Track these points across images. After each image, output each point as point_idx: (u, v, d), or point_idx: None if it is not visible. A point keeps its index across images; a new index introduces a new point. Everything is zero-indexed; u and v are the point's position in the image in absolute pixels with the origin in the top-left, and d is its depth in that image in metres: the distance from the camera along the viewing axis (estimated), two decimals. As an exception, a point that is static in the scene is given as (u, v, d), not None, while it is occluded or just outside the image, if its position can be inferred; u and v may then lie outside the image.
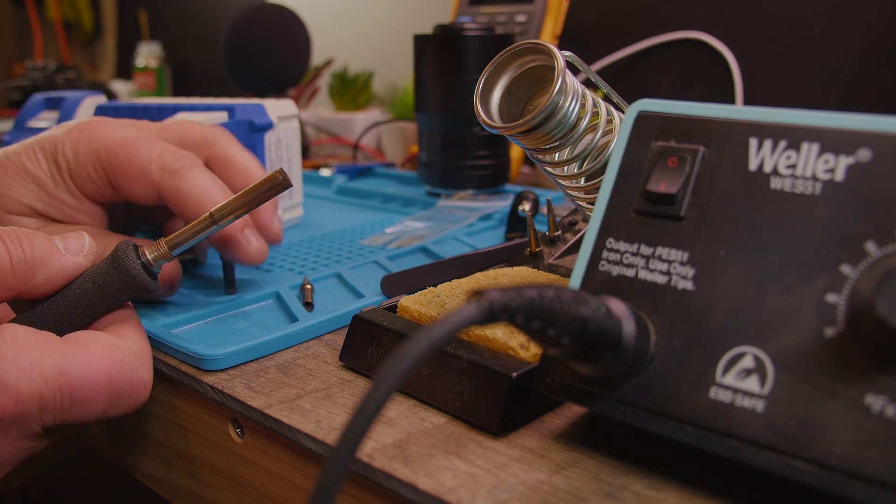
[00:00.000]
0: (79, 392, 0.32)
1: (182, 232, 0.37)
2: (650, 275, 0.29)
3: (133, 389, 0.34)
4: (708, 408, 0.26)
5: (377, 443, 0.31)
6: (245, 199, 0.37)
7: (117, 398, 0.33)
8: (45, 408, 0.32)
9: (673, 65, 0.81)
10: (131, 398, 0.34)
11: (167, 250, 0.37)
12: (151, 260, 0.37)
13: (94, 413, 0.33)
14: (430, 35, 0.69)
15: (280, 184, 0.37)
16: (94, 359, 0.32)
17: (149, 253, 0.37)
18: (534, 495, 0.27)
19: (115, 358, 0.33)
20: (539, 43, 0.35)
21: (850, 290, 0.24)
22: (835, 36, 0.72)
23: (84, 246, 0.36)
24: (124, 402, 0.34)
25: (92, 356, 0.32)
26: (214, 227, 0.37)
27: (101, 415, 0.33)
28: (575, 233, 0.47)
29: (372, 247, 0.57)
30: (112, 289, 0.36)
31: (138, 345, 0.35)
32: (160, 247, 0.37)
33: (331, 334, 0.43)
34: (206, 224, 0.37)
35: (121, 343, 0.34)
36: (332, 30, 1.32)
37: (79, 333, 0.33)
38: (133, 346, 0.35)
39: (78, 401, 0.32)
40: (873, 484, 0.22)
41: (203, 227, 0.37)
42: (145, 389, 0.35)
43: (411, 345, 0.20)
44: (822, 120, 0.26)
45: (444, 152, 0.70)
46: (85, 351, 0.32)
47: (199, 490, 0.41)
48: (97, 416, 0.33)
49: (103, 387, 0.33)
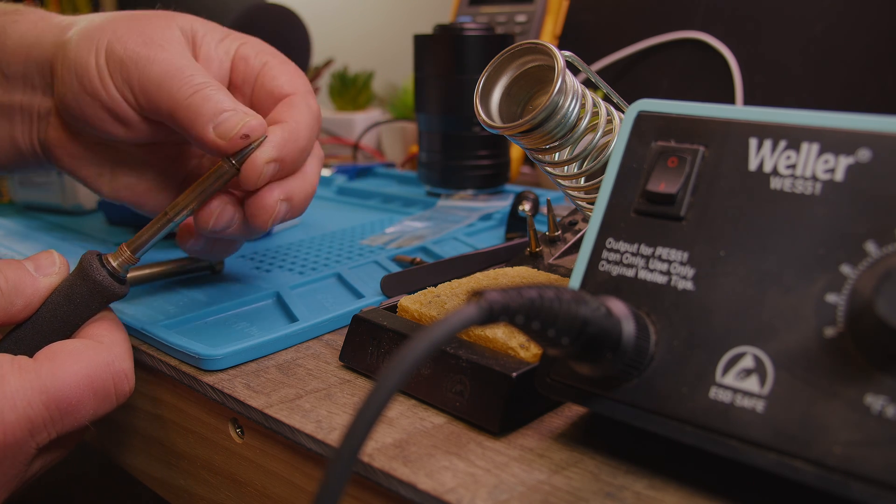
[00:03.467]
0: (64, 403, 0.32)
1: (140, 234, 0.39)
2: (650, 275, 0.29)
3: (116, 382, 0.34)
4: (708, 408, 0.26)
5: (377, 443, 0.31)
6: (195, 192, 0.39)
7: (103, 395, 0.34)
8: (36, 429, 0.32)
9: (673, 65, 0.81)
10: (117, 391, 0.35)
11: (130, 254, 0.38)
12: (116, 266, 0.38)
13: (85, 417, 0.33)
14: (430, 35, 0.69)
15: (227, 173, 0.39)
16: (69, 366, 0.33)
17: (113, 260, 0.38)
18: (534, 495, 0.27)
19: (88, 359, 0.34)
20: (539, 43, 0.35)
21: (850, 290, 0.24)
22: (835, 36, 0.72)
23: (54, 263, 0.37)
24: (111, 397, 0.34)
25: (66, 364, 0.33)
26: (170, 223, 0.39)
27: (93, 416, 0.34)
28: (575, 233, 0.47)
29: (372, 247, 0.57)
30: (83, 299, 0.37)
31: (110, 338, 0.35)
32: (122, 252, 0.38)
33: (331, 334, 0.43)
34: (162, 222, 0.39)
35: (90, 343, 0.35)
36: (332, 30, 1.32)
37: (47, 348, 0.34)
38: (105, 342, 0.35)
39: (66, 411, 0.33)
40: (873, 484, 0.22)
41: (160, 225, 0.39)
42: (128, 379, 0.35)
43: (412, 345, 0.20)
44: (822, 120, 0.26)
45: (444, 152, 0.70)
46: (58, 362, 0.33)
47: (199, 490, 0.41)
48: (90, 419, 0.34)
49: (86, 389, 0.33)
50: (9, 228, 0.66)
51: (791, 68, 0.74)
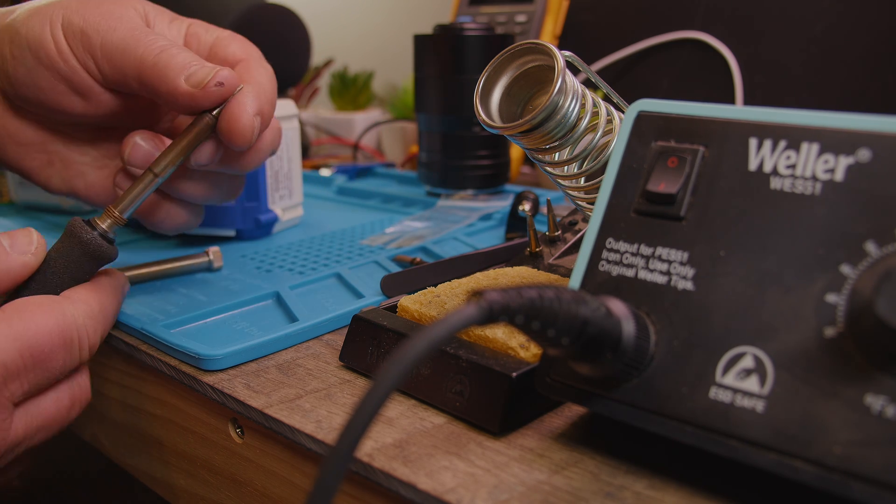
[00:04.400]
0: (37, 351, 0.33)
1: (126, 193, 0.38)
2: (650, 275, 0.29)
3: (80, 336, 0.35)
4: (708, 408, 0.26)
5: (377, 443, 0.31)
6: (178, 147, 0.39)
7: (70, 348, 0.35)
8: (10, 374, 0.32)
9: (673, 65, 0.81)
10: (80, 347, 0.35)
11: (118, 214, 0.38)
12: (106, 228, 0.38)
13: (56, 367, 0.34)
14: (430, 35, 0.69)
15: (208, 124, 0.39)
16: (39, 317, 0.34)
17: (101, 223, 0.38)
18: (534, 495, 0.27)
19: (56, 312, 0.34)
20: (539, 43, 0.35)
21: (850, 290, 0.24)
22: (835, 36, 0.72)
23: (32, 243, 0.36)
24: (76, 351, 0.35)
25: (36, 315, 0.34)
26: (157, 180, 0.39)
27: (63, 367, 0.35)
28: (575, 233, 0.47)
29: (372, 247, 0.57)
30: (74, 264, 0.37)
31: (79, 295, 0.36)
32: (110, 213, 0.38)
33: (331, 334, 0.43)
34: (149, 179, 0.39)
35: (57, 298, 0.35)
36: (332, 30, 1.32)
37: (13, 302, 0.34)
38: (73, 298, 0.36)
39: (39, 360, 0.33)
40: (873, 484, 0.22)
41: (146, 183, 0.39)
42: (88, 336, 0.36)
43: (411, 345, 0.20)
44: (822, 120, 0.26)
45: (444, 152, 0.70)
46: (27, 314, 0.33)
47: (199, 490, 0.41)
48: (60, 370, 0.35)
49: (56, 339, 0.34)
50: (9, 228, 0.66)
51: (791, 68, 0.74)
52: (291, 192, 0.62)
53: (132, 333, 0.42)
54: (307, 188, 0.79)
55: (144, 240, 0.60)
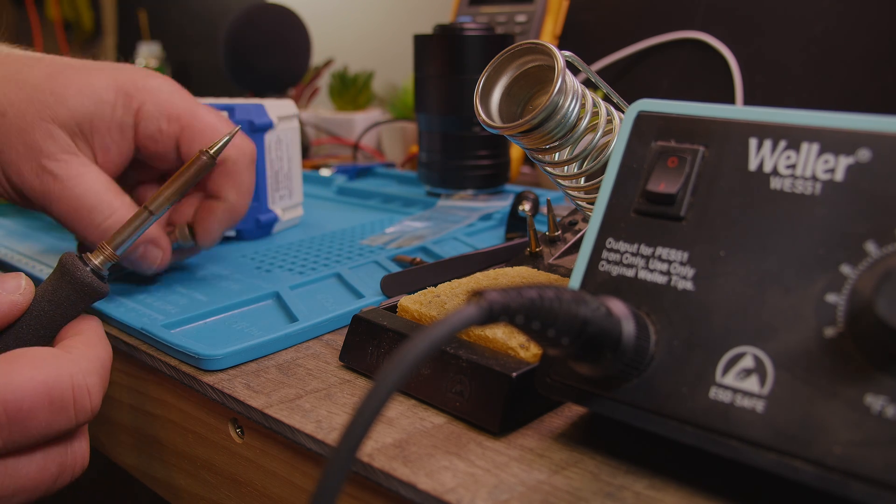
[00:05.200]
0: (14, 407, 0.30)
1: (121, 230, 0.38)
2: (650, 275, 0.29)
3: (77, 397, 0.32)
4: (708, 408, 0.26)
5: (377, 443, 0.31)
6: (176, 185, 0.39)
7: (60, 408, 0.32)
8: None
9: (673, 65, 0.81)
10: (77, 407, 0.32)
11: (111, 251, 0.38)
12: (99, 264, 0.37)
13: (39, 427, 0.31)
14: (430, 35, 0.69)
15: (206, 164, 0.39)
16: (25, 371, 0.31)
17: (94, 258, 0.37)
18: (534, 495, 0.27)
19: (49, 366, 0.32)
20: (539, 43, 0.35)
21: (850, 290, 0.24)
22: (835, 36, 0.72)
23: (20, 286, 0.36)
24: (69, 412, 0.32)
25: (23, 369, 0.31)
26: (152, 217, 0.39)
27: (48, 428, 0.32)
28: (575, 233, 0.47)
29: (372, 247, 0.57)
30: (67, 301, 0.36)
31: (81, 351, 0.34)
32: (104, 249, 0.38)
33: (331, 334, 0.43)
34: (144, 217, 0.39)
35: (55, 352, 0.33)
36: (332, 30, 1.32)
37: (9, 352, 0.32)
38: (73, 353, 0.33)
39: (15, 416, 0.31)
40: (873, 484, 0.22)
41: (141, 220, 0.39)
42: (90, 396, 0.33)
43: (411, 345, 0.20)
44: (822, 120, 0.26)
45: (444, 152, 0.70)
46: (14, 366, 0.31)
47: (199, 490, 0.41)
48: (44, 429, 0.32)
49: (41, 398, 0.31)
50: (9, 228, 0.66)
51: (791, 68, 0.74)
52: (291, 192, 0.62)
53: (132, 333, 0.42)
54: (307, 188, 0.79)
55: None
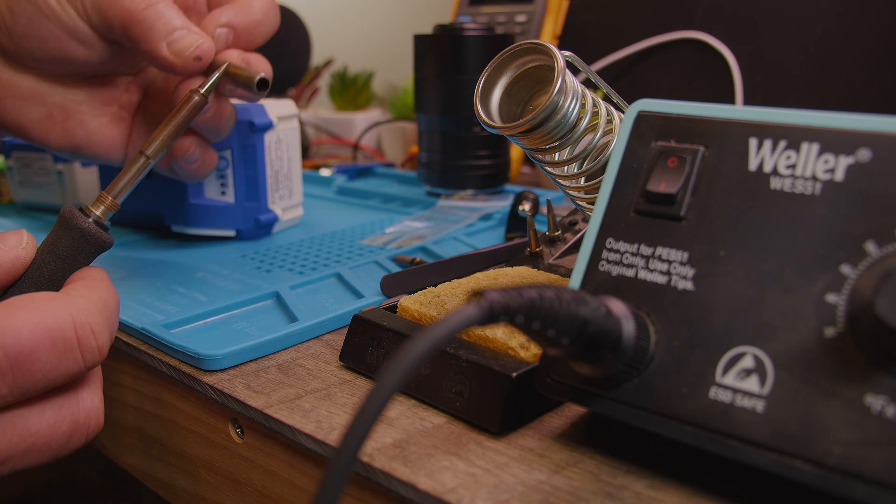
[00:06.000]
0: (15, 351, 0.30)
1: (119, 178, 0.38)
2: (650, 275, 0.29)
3: (80, 336, 0.31)
4: (708, 408, 0.26)
5: (377, 443, 0.31)
6: (170, 127, 0.39)
7: (63, 348, 0.31)
8: None
9: (673, 65, 0.81)
10: (81, 346, 0.32)
11: (112, 201, 0.37)
12: (100, 215, 0.37)
13: (44, 371, 0.31)
14: (430, 35, 0.69)
15: (198, 104, 0.39)
16: (23, 314, 0.30)
17: (95, 209, 0.37)
18: (534, 495, 0.27)
19: (46, 307, 0.31)
20: (539, 43, 0.35)
21: (850, 290, 0.24)
22: (835, 36, 0.72)
23: (22, 241, 0.35)
24: (74, 352, 0.31)
25: (20, 312, 0.30)
26: (149, 162, 0.38)
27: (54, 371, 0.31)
28: (575, 233, 0.47)
29: (372, 247, 0.57)
30: (69, 252, 0.35)
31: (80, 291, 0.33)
32: (104, 199, 0.37)
33: (331, 334, 0.43)
34: (141, 163, 0.38)
35: (55, 294, 0.32)
36: (332, 30, 1.32)
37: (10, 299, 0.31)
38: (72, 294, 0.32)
39: (18, 361, 0.30)
40: (873, 484, 0.22)
41: (138, 167, 0.38)
42: (94, 334, 0.32)
43: (412, 345, 0.20)
44: (822, 120, 0.26)
45: (444, 152, 0.70)
46: (9, 309, 0.30)
47: (199, 490, 0.41)
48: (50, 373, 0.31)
49: (42, 339, 0.30)
50: (9, 228, 0.66)
51: (791, 68, 0.74)
52: (291, 192, 0.62)
53: (132, 333, 0.42)
54: (307, 188, 0.79)
55: (144, 240, 0.60)
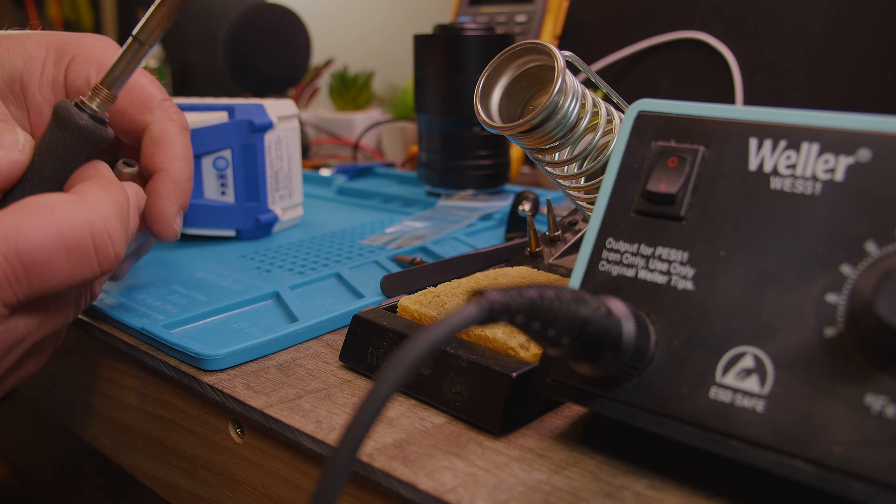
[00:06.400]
0: (29, 257, 0.29)
1: (114, 66, 0.35)
2: (650, 275, 0.29)
3: (97, 243, 0.31)
4: (708, 408, 0.26)
5: (377, 443, 0.31)
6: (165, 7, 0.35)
7: (79, 255, 0.30)
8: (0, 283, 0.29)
9: (673, 65, 0.81)
10: (98, 253, 0.31)
11: (107, 92, 0.35)
12: (96, 108, 0.35)
13: (59, 277, 0.30)
14: (430, 35, 0.69)
15: None
16: (37, 218, 0.29)
17: (90, 102, 0.35)
18: (534, 495, 0.27)
19: (62, 212, 0.30)
20: (539, 43, 0.35)
21: (850, 290, 0.24)
22: (835, 36, 0.72)
23: (18, 141, 0.34)
24: (90, 259, 0.31)
25: (33, 217, 0.29)
26: (145, 48, 0.35)
27: (70, 278, 0.30)
28: (575, 233, 0.47)
29: (372, 247, 0.57)
30: (68, 150, 0.34)
31: (95, 195, 0.32)
32: (99, 91, 0.35)
33: (331, 334, 0.43)
34: (135, 49, 0.35)
35: (69, 197, 0.31)
36: (332, 30, 1.32)
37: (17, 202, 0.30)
38: (88, 198, 0.31)
39: (32, 266, 0.29)
40: (873, 484, 0.22)
41: (132, 53, 0.35)
42: (112, 241, 0.31)
43: (411, 345, 0.20)
44: (822, 120, 0.26)
45: (444, 152, 0.70)
46: (25, 213, 0.29)
47: (199, 490, 0.41)
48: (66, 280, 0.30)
49: (57, 245, 0.29)
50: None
51: (791, 68, 0.74)
52: (291, 192, 0.62)
53: (132, 333, 0.42)
54: (307, 188, 0.79)
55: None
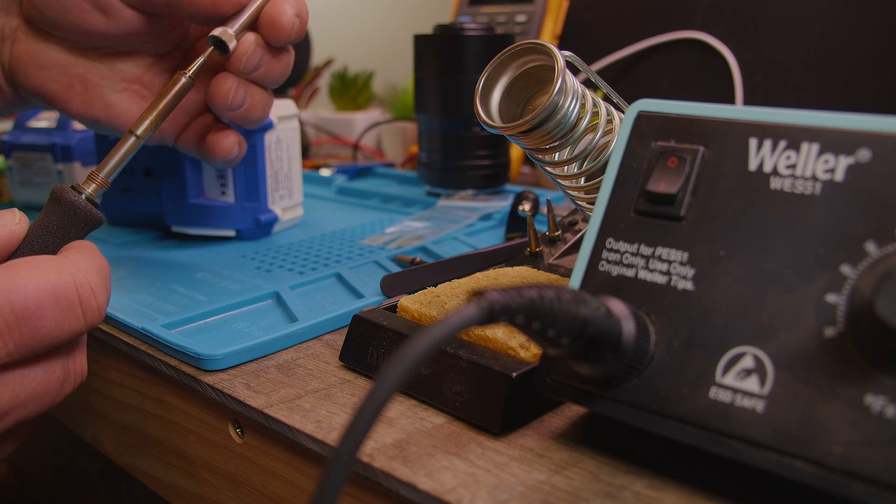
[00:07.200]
0: (21, 308, 0.30)
1: (109, 158, 0.39)
2: (650, 275, 0.29)
3: (82, 295, 0.32)
4: (708, 408, 0.26)
5: (377, 443, 0.31)
6: (159, 108, 0.40)
7: (66, 306, 0.32)
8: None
9: (673, 65, 0.81)
10: (83, 305, 0.32)
11: (103, 179, 0.38)
12: (91, 192, 0.38)
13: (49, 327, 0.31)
14: (430, 35, 0.69)
15: (186, 85, 0.40)
16: (27, 273, 0.31)
17: (86, 187, 0.38)
18: (534, 495, 0.27)
19: (49, 268, 0.32)
20: (539, 43, 0.35)
21: (850, 290, 0.24)
22: (835, 36, 0.72)
23: (15, 217, 0.36)
24: (76, 310, 0.32)
25: (24, 272, 0.31)
26: (139, 142, 0.39)
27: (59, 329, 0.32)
28: (575, 233, 0.47)
29: (372, 247, 0.57)
30: (61, 229, 0.36)
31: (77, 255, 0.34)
32: (95, 177, 0.38)
33: (331, 334, 0.43)
34: (131, 142, 0.39)
35: (55, 257, 0.33)
36: (332, 30, 1.32)
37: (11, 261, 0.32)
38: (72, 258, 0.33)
39: (24, 318, 0.31)
40: (873, 484, 0.22)
41: (128, 146, 0.39)
42: (94, 293, 0.33)
43: (412, 345, 0.20)
44: (822, 120, 0.26)
45: (444, 152, 0.70)
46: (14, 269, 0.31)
47: (199, 490, 0.41)
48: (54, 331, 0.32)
49: (47, 298, 0.31)
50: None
51: (791, 68, 0.74)
52: (291, 192, 0.62)
53: (132, 333, 0.42)
54: (307, 188, 0.79)
55: (145, 241, 0.60)
